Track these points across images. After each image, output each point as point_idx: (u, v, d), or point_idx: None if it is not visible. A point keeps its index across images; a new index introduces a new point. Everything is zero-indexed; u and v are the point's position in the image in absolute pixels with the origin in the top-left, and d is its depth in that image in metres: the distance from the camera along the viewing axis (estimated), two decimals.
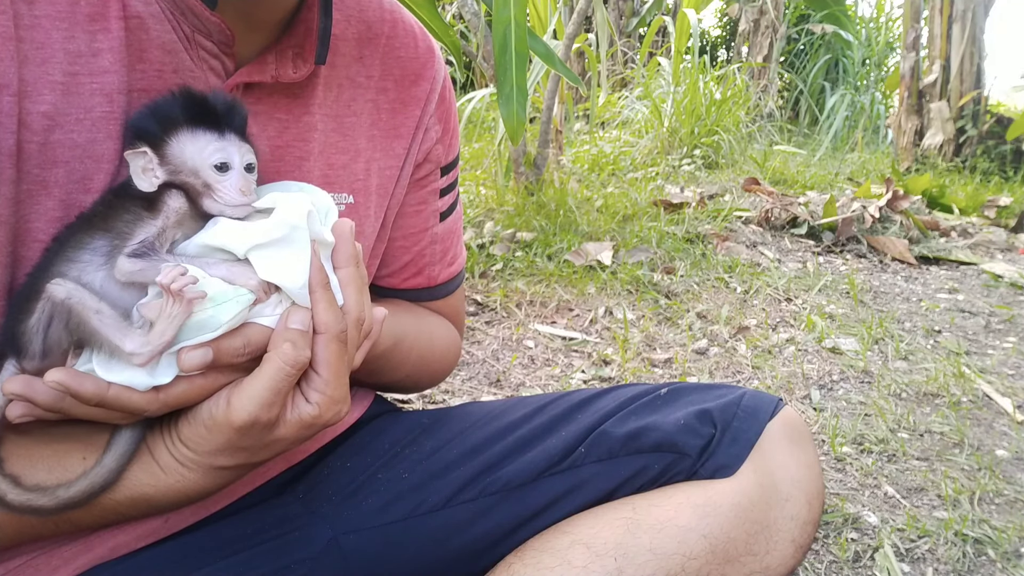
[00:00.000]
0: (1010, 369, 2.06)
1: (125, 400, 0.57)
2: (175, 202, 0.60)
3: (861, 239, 3.23)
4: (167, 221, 0.60)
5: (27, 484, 0.59)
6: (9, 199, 0.61)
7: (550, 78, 3.28)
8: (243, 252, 0.59)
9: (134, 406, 0.58)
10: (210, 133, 0.61)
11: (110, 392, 0.56)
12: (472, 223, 3.04)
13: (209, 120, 0.61)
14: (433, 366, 1.01)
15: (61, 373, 0.55)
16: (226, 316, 0.57)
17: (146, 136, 0.60)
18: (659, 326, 2.28)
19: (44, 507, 0.59)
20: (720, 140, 4.77)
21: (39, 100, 0.61)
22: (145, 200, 0.60)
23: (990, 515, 1.38)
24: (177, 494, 0.64)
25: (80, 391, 0.55)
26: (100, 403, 0.57)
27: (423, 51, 0.90)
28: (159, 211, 0.60)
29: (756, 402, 0.89)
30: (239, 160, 0.61)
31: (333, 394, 0.63)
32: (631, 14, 7.21)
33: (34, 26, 0.61)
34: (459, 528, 0.82)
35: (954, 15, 5.17)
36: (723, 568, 0.77)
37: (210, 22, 0.67)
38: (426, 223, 0.96)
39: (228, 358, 0.59)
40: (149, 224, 0.59)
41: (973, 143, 5.07)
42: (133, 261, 0.57)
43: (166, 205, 0.60)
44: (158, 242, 0.59)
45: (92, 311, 0.56)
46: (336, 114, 0.81)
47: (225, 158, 0.60)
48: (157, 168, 0.60)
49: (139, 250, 0.58)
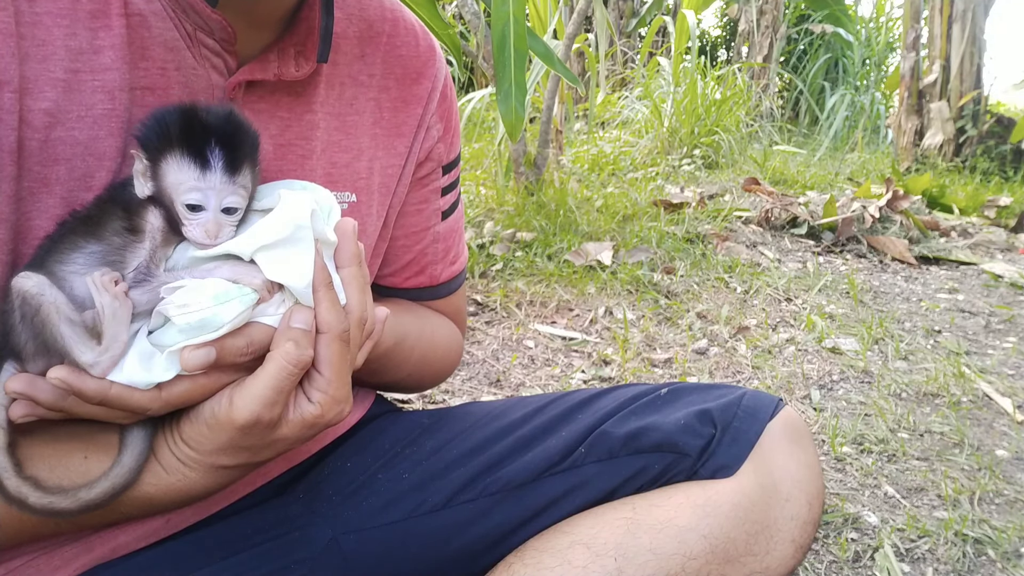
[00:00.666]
0: (1010, 369, 2.06)
1: (127, 398, 0.57)
2: (156, 221, 0.59)
3: (861, 239, 3.23)
4: (154, 242, 0.59)
5: (48, 486, 0.59)
6: (10, 196, 0.61)
7: (550, 78, 3.28)
8: (249, 255, 0.59)
9: (136, 405, 0.58)
10: (194, 168, 0.58)
11: (112, 391, 0.56)
12: (472, 223, 3.04)
13: (200, 152, 0.58)
14: (435, 365, 1.01)
15: (63, 371, 0.55)
16: (229, 315, 0.57)
17: (145, 145, 0.59)
18: (659, 326, 2.28)
19: (66, 509, 0.59)
20: (720, 140, 4.77)
21: (40, 97, 0.61)
22: (128, 225, 0.59)
23: (990, 515, 1.38)
24: (179, 493, 0.64)
25: (83, 389, 0.55)
26: (102, 402, 0.57)
27: (424, 50, 0.90)
28: (143, 232, 0.59)
29: (756, 402, 0.89)
30: (215, 203, 0.59)
31: (335, 394, 0.63)
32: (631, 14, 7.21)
33: (35, 23, 0.61)
34: (459, 528, 0.82)
35: (954, 15, 5.17)
36: (723, 568, 0.77)
37: (212, 19, 0.67)
38: (428, 222, 0.96)
39: (231, 357, 0.59)
40: (138, 249, 0.59)
41: (973, 143, 5.07)
42: (139, 291, 0.57)
43: (149, 225, 0.59)
44: (152, 264, 0.59)
45: (63, 318, 0.55)
46: (338, 112, 0.81)
47: (199, 200, 0.58)
48: (148, 179, 0.59)
49: (138, 278, 0.58)
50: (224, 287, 0.58)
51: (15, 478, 0.58)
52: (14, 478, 0.58)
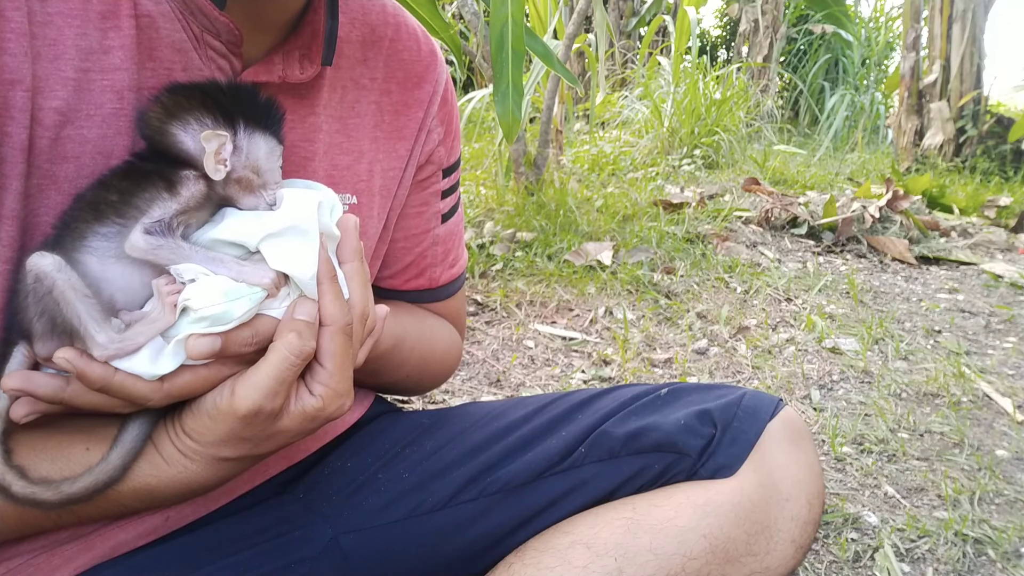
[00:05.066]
0: (1010, 369, 2.06)
1: (130, 387, 0.57)
2: (195, 187, 0.60)
3: (861, 239, 3.23)
4: (185, 204, 0.60)
5: (33, 477, 0.59)
6: (19, 193, 0.61)
7: (550, 78, 3.28)
8: (256, 243, 0.60)
9: (138, 394, 0.58)
10: (271, 138, 0.63)
11: (116, 378, 0.57)
12: (472, 223, 3.04)
13: (271, 124, 0.64)
14: (434, 367, 1.01)
15: (70, 352, 0.55)
16: (239, 311, 0.58)
17: (230, 121, 0.61)
18: (659, 326, 2.28)
19: (48, 501, 0.59)
20: (720, 140, 4.77)
21: (51, 96, 0.62)
22: (166, 180, 0.59)
23: (990, 515, 1.38)
24: (180, 486, 0.65)
25: (87, 373, 0.56)
26: (105, 388, 0.57)
27: (426, 54, 0.90)
28: (178, 193, 0.59)
29: (756, 402, 0.90)
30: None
31: (337, 387, 0.63)
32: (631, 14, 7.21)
33: (47, 23, 0.62)
34: (459, 528, 0.82)
35: (954, 15, 5.17)
36: (723, 568, 0.78)
37: (219, 22, 0.67)
38: (428, 224, 0.96)
39: (236, 347, 0.60)
40: (167, 203, 0.59)
41: (973, 143, 5.07)
42: (147, 238, 0.57)
43: (186, 188, 0.60)
44: (174, 222, 0.59)
45: (80, 295, 0.55)
46: (340, 115, 0.82)
47: (280, 164, 0.64)
48: (228, 155, 0.60)
49: (154, 228, 0.58)
50: (233, 284, 0.58)
51: (1, 465, 0.58)
52: (1, 465, 0.58)
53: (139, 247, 0.57)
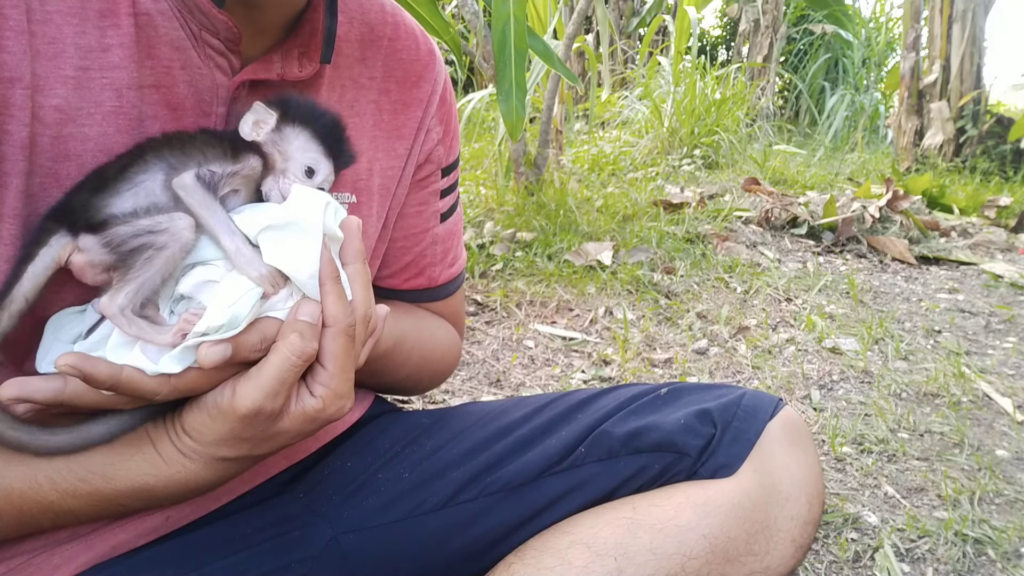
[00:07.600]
0: (1010, 369, 2.06)
1: (138, 382, 0.57)
2: (255, 162, 0.65)
3: (861, 239, 3.23)
4: (240, 171, 0.64)
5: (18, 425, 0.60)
6: (21, 192, 0.61)
7: (550, 78, 3.28)
8: (256, 233, 0.60)
9: (147, 389, 0.58)
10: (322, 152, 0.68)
11: (124, 374, 0.57)
12: (472, 223, 3.04)
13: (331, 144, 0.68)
14: (434, 367, 1.01)
15: (73, 357, 0.55)
16: (244, 311, 0.58)
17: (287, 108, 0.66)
18: (659, 326, 2.28)
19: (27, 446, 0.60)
20: (720, 140, 4.77)
21: (51, 94, 0.62)
22: (233, 148, 0.64)
23: (990, 515, 1.38)
24: (178, 485, 0.64)
25: (94, 374, 0.55)
26: (113, 387, 0.57)
27: (424, 53, 0.90)
28: (240, 160, 0.64)
29: (756, 402, 0.90)
30: (320, 179, 0.67)
31: (338, 388, 0.63)
32: (631, 14, 7.21)
33: (46, 21, 0.62)
34: (459, 528, 0.82)
35: (954, 15, 5.17)
36: (723, 568, 0.78)
37: (217, 20, 0.67)
38: (427, 224, 0.96)
39: (245, 353, 0.60)
40: (226, 163, 0.63)
41: (973, 143, 5.08)
42: (195, 183, 0.60)
43: (248, 159, 0.64)
44: (224, 182, 0.62)
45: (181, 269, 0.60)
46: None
47: (315, 167, 0.67)
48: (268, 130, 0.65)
49: (204, 175, 0.61)
50: (228, 290, 0.59)
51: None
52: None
53: (185, 184, 0.60)
